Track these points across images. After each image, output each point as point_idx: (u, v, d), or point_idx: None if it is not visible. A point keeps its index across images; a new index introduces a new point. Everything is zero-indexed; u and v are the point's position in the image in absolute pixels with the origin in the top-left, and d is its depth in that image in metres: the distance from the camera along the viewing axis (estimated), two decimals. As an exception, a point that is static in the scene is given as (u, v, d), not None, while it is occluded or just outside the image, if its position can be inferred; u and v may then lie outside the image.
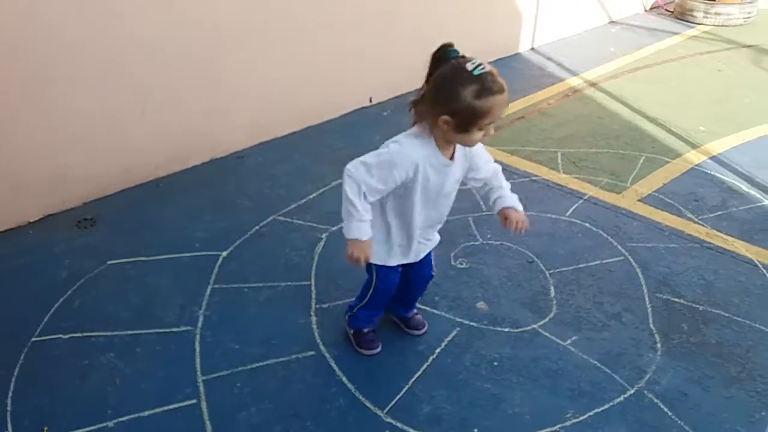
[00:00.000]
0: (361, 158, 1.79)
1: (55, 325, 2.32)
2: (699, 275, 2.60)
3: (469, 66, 1.64)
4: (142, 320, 2.35)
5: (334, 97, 4.02)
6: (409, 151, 1.78)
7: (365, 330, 2.24)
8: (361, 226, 1.82)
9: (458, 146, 1.85)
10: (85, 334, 2.28)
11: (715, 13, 6.06)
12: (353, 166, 1.79)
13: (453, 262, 2.67)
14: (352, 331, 2.25)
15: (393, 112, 4.17)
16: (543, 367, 2.15)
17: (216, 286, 2.53)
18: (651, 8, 6.76)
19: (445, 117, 1.68)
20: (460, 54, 1.70)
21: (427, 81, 1.75)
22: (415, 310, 2.33)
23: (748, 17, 6.10)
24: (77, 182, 3.01)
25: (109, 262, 2.65)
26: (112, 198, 3.12)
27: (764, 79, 4.73)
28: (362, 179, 1.77)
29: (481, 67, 1.65)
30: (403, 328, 2.31)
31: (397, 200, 1.89)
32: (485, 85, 1.63)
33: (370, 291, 2.10)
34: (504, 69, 4.96)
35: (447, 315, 2.38)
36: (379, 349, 2.22)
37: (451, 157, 1.84)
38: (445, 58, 1.70)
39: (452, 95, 1.65)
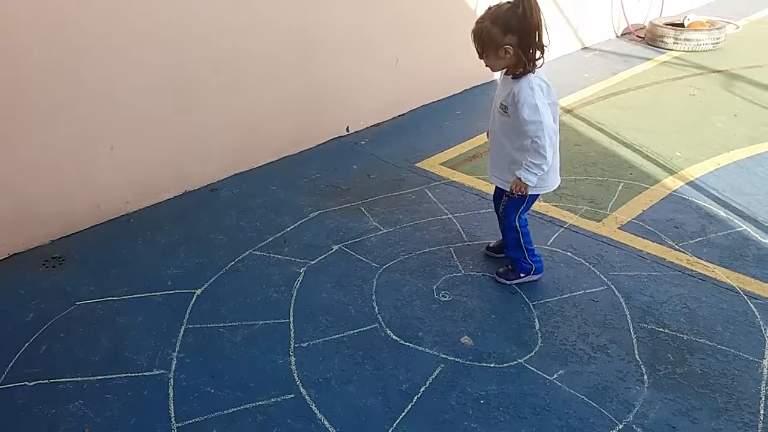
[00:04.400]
0: None
1: (20, 372, 2.22)
2: (682, 303, 2.57)
3: None
4: (112, 364, 2.25)
5: (310, 126, 3.98)
6: None
7: None
8: None
9: (504, 76, 2.37)
10: (53, 380, 2.18)
11: (685, 39, 6.17)
12: None
13: (436, 295, 2.62)
14: None
15: (370, 141, 4.14)
16: (530, 404, 2.09)
17: (190, 326, 2.44)
18: (622, 34, 6.88)
19: None
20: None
21: None
22: (509, 264, 2.73)
23: (717, 43, 6.22)
24: (44, 219, 2.92)
25: (78, 303, 2.56)
26: (80, 235, 3.03)
27: (735, 104, 4.79)
28: None
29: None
30: None
31: None
32: None
33: None
34: (481, 96, 5.04)
35: (431, 351, 2.32)
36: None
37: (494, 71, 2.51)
38: None
39: None
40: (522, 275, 2.69)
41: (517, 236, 2.62)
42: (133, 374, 2.21)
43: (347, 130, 4.20)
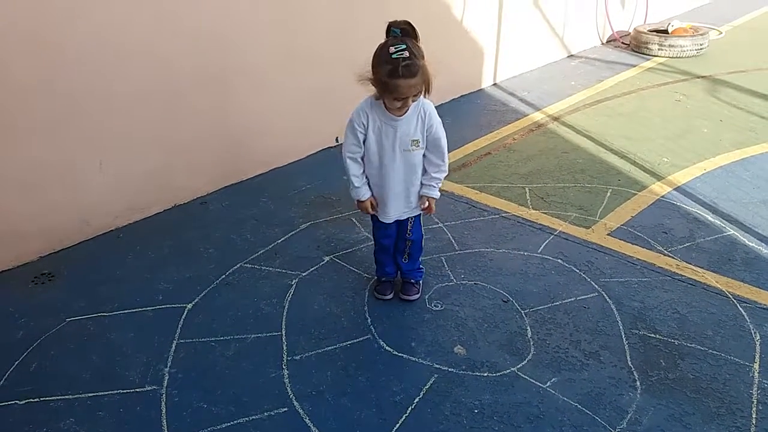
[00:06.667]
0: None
1: (9, 390, 2.19)
2: (672, 309, 2.59)
3: (391, 49, 2.02)
4: (104, 381, 2.23)
5: (299, 138, 3.98)
6: (362, 106, 2.25)
7: (380, 278, 2.68)
8: (358, 191, 2.37)
9: (412, 109, 2.22)
10: (43, 398, 2.16)
11: (669, 46, 6.24)
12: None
13: (428, 305, 2.62)
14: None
15: (359, 151, 4.14)
16: (524, 413, 2.09)
17: (181, 340, 2.43)
18: (608, 41, 6.95)
19: (373, 82, 2.12)
20: (399, 33, 2.07)
21: None
22: (410, 279, 2.65)
23: (701, 49, 6.30)
24: (32, 235, 2.89)
25: (68, 320, 2.54)
26: (69, 251, 3.01)
27: (720, 110, 4.85)
28: (345, 145, 2.30)
29: (400, 52, 2.01)
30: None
31: (366, 154, 2.32)
32: (396, 68, 2.02)
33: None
34: (469, 105, 5.06)
35: (424, 361, 2.31)
36: (387, 297, 2.63)
37: (401, 116, 2.22)
38: (389, 33, 2.09)
39: (374, 67, 2.09)
40: (420, 282, 2.71)
41: (422, 244, 2.64)
42: (125, 391, 2.19)
43: (336, 140, 4.20)
